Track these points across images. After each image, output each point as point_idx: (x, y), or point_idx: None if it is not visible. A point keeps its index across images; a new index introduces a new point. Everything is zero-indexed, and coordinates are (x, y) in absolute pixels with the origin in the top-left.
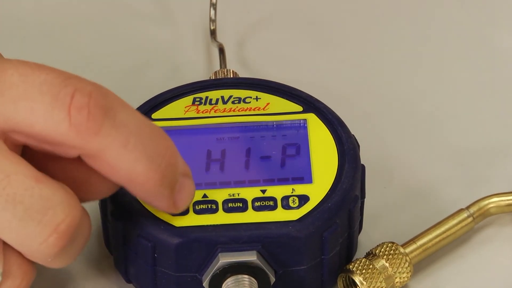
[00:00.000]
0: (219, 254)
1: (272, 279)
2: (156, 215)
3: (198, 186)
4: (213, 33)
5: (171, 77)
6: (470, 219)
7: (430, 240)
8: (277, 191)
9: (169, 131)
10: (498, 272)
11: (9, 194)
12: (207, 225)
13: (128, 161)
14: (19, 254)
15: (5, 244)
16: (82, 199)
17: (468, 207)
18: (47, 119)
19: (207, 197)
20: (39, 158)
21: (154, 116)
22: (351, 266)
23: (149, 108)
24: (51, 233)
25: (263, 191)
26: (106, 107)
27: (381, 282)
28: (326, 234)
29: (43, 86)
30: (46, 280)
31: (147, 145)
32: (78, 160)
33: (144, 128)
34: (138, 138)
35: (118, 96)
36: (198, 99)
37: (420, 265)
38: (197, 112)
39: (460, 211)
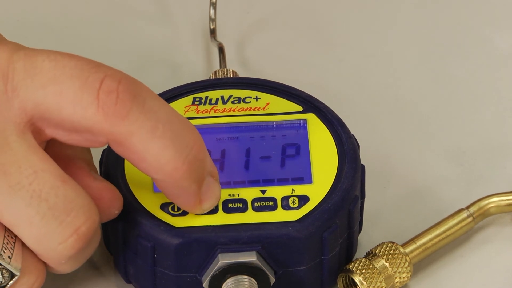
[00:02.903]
0: (219, 254)
1: (272, 280)
2: (156, 215)
3: None
4: (213, 32)
5: (170, 77)
6: (470, 219)
7: (430, 240)
8: (277, 192)
9: None
10: (498, 272)
11: (35, 190)
12: (207, 226)
13: (156, 148)
14: (34, 253)
15: (22, 243)
16: None
17: (468, 207)
18: (75, 103)
19: None
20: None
21: None
22: (351, 266)
23: None
24: (71, 234)
25: (263, 192)
26: (135, 93)
27: (381, 282)
28: (326, 235)
29: (73, 71)
30: (46, 281)
31: (176, 134)
32: (92, 176)
33: (173, 118)
34: (167, 126)
35: (147, 86)
36: (198, 99)
37: (420, 265)
38: (197, 112)
39: (460, 211)
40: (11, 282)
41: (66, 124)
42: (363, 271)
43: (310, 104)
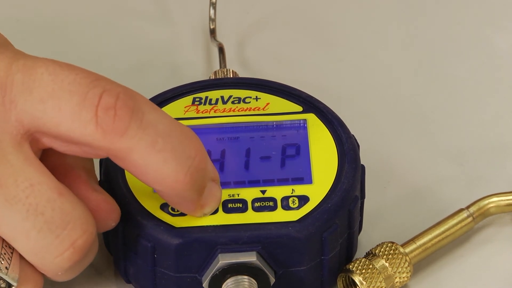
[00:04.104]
0: (219, 254)
1: (272, 280)
2: (156, 215)
3: None
4: (212, 32)
5: (170, 77)
6: (470, 219)
7: (430, 240)
8: (277, 192)
9: None
10: (498, 272)
11: (31, 203)
12: (207, 226)
13: (157, 162)
14: (31, 264)
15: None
16: None
17: (468, 207)
18: (74, 119)
19: None
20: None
21: None
22: (351, 266)
23: None
24: (68, 247)
25: (263, 192)
26: (133, 108)
27: (381, 282)
28: (326, 235)
29: (72, 86)
30: (46, 281)
31: (176, 146)
32: (90, 187)
33: (173, 129)
34: (166, 139)
35: (147, 99)
36: (198, 99)
37: (420, 265)
38: (197, 112)
39: (460, 211)
40: None
41: (64, 138)
42: (363, 271)
43: (310, 104)
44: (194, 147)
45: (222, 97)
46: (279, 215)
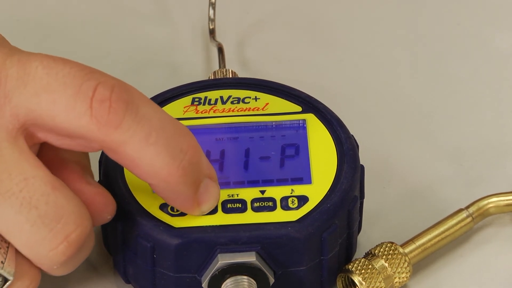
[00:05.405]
0: (218, 255)
1: (272, 280)
2: (155, 215)
3: None
4: (212, 32)
5: (170, 77)
6: (470, 219)
7: (430, 240)
8: (276, 192)
9: None
10: (498, 272)
11: (25, 197)
12: (206, 226)
13: (150, 155)
14: (27, 258)
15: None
16: None
17: (467, 207)
18: (69, 111)
19: None
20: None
21: None
22: (350, 266)
23: None
24: (61, 241)
25: (262, 192)
26: (128, 101)
27: (380, 282)
28: (325, 235)
29: (66, 79)
30: (45, 281)
31: (169, 140)
32: (85, 181)
33: (167, 123)
34: (160, 133)
35: (140, 92)
36: (197, 99)
37: (419, 265)
38: (196, 112)
39: (460, 211)
40: (4, 286)
41: (59, 130)
42: (363, 271)
43: (309, 104)
44: (187, 141)
45: (221, 97)
46: (279, 215)
